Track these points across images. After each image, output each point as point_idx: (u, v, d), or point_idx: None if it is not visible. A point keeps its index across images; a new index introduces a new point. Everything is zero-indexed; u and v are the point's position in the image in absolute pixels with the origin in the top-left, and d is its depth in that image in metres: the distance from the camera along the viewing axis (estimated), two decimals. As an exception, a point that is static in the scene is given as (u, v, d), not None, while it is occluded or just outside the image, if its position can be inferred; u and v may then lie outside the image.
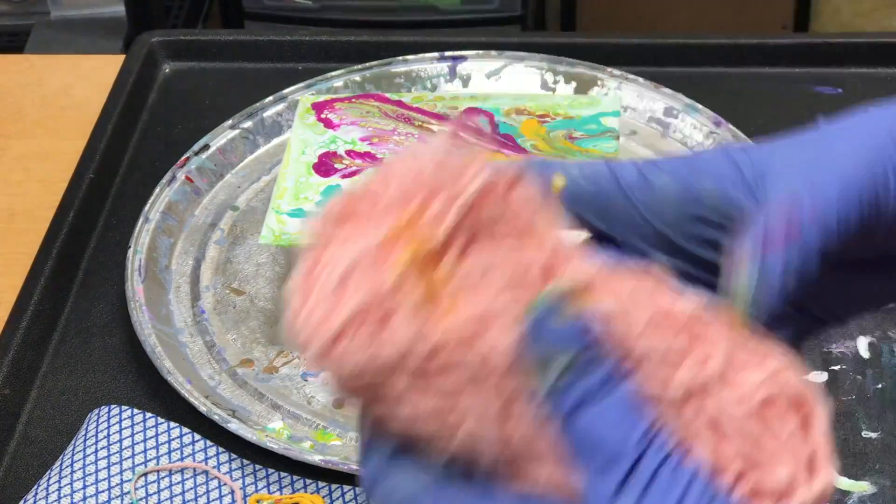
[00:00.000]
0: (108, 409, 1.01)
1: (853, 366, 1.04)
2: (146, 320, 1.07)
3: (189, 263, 1.15)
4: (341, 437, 1.00)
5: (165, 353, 1.05)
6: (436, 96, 1.16)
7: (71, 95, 1.39)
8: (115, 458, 0.97)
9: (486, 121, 1.13)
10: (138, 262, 1.12)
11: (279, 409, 1.03)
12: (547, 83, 1.29)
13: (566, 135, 1.12)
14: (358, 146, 1.11)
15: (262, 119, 1.26)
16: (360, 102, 1.16)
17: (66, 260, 1.15)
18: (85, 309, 1.12)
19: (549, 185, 0.59)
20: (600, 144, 1.10)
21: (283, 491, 0.96)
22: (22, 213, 1.25)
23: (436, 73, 1.31)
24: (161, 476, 0.97)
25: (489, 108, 1.14)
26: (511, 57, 1.31)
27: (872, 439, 0.99)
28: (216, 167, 1.23)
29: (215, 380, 1.05)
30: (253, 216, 1.19)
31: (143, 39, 1.38)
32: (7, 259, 1.19)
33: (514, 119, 1.13)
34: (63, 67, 1.43)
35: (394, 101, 1.16)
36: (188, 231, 1.18)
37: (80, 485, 0.96)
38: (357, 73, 1.29)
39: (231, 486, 0.97)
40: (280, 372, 1.06)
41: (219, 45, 1.38)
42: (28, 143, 1.33)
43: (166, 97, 1.35)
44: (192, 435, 0.99)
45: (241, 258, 1.16)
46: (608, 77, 1.28)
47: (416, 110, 1.15)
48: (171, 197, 1.18)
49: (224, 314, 1.11)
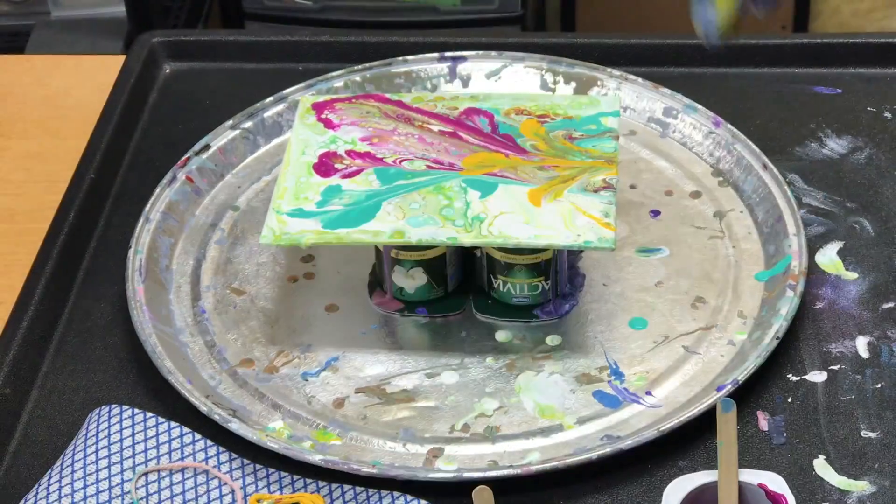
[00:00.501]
0: (109, 408, 1.01)
1: (852, 365, 1.04)
2: (147, 320, 1.08)
3: (189, 263, 1.15)
4: (341, 437, 1.01)
5: (166, 353, 1.05)
6: (436, 96, 1.17)
7: (71, 96, 1.39)
8: (116, 458, 0.98)
9: (485, 121, 1.13)
10: (139, 262, 1.12)
11: (279, 409, 1.03)
12: (547, 83, 1.30)
13: (566, 135, 1.12)
14: (358, 146, 1.12)
15: (263, 119, 1.26)
16: (360, 103, 1.16)
17: (66, 260, 1.15)
18: (85, 309, 1.13)
19: None
20: (600, 144, 1.10)
21: (284, 490, 0.96)
22: (23, 213, 1.25)
23: (436, 73, 1.31)
24: (161, 476, 0.97)
25: (489, 108, 1.15)
26: (511, 57, 1.31)
27: (872, 439, 0.99)
28: (217, 167, 1.23)
29: (216, 379, 1.06)
30: (253, 216, 1.20)
31: (144, 40, 1.38)
32: (7, 259, 1.19)
33: (514, 119, 1.13)
34: (64, 68, 1.44)
35: (394, 102, 1.16)
36: (189, 231, 1.18)
37: (80, 484, 0.96)
38: (357, 73, 1.30)
39: (231, 486, 0.97)
40: (280, 372, 1.06)
41: (219, 46, 1.39)
42: (29, 144, 1.33)
43: (167, 97, 1.35)
44: (192, 435, 0.99)
45: (242, 258, 1.16)
46: (608, 77, 1.28)
47: (416, 110, 1.15)
48: (172, 197, 1.19)
49: (224, 314, 1.11)
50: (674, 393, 1.03)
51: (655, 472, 0.98)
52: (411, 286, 1.09)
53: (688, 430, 0.99)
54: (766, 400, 1.02)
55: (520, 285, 1.08)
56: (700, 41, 1.04)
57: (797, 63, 1.33)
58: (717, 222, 1.16)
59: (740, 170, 1.19)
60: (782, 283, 1.08)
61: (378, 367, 1.06)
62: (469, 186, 1.07)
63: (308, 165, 1.10)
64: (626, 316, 1.09)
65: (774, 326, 1.04)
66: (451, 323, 1.09)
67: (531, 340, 1.07)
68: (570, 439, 1.00)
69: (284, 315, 1.11)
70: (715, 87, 1.31)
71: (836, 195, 1.19)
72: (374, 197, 1.07)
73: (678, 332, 1.07)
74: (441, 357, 1.07)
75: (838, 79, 1.31)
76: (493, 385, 1.04)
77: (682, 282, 1.11)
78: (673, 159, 1.23)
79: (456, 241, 1.03)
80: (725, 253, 1.14)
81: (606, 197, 1.06)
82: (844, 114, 1.27)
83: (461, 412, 1.02)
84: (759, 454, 0.98)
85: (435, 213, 1.05)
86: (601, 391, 1.03)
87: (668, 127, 1.25)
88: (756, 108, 1.29)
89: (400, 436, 1.01)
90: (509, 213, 1.04)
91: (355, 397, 1.04)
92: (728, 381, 1.00)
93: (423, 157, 1.11)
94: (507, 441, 1.00)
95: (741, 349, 1.05)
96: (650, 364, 1.05)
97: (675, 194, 1.19)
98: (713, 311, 1.09)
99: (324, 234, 1.04)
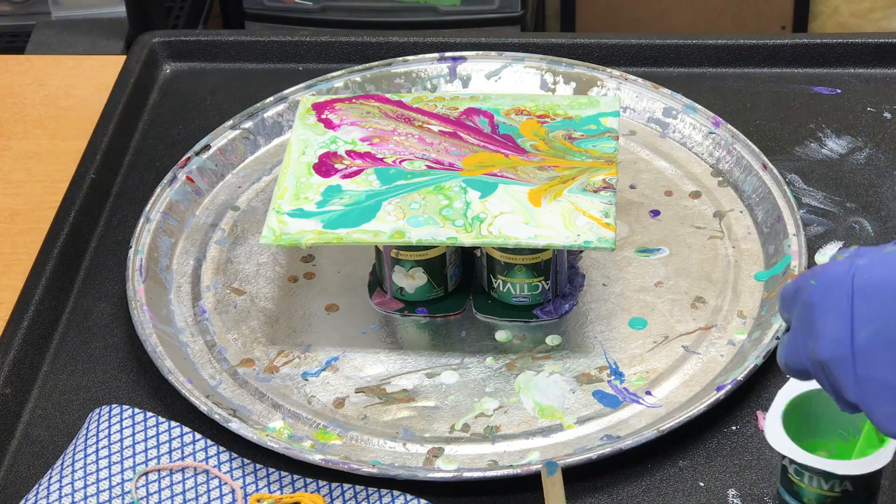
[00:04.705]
0: (109, 408, 1.01)
1: (852, 365, 1.04)
2: (147, 320, 1.08)
3: (190, 263, 1.16)
4: (341, 437, 1.01)
5: (166, 353, 1.05)
6: (436, 96, 1.17)
7: (72, 96, 1.39)
8: (116, 458, 0.98)
9: (485, 121, 1.13)
10: (139, 262, 1.12)
11: (279, 409, 1.03)
12: (547, 83, 1.30)
13: (566, 135, 1.12)
14: (358, 146, 1.12)
15: (263, 119, 1.26)
16: (360, 103, 1.16)
17: (67, 260, 1.15)
18: (86, 309, 1.13)
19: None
20: (600, 144, 1.10)
21: (284, 490, 0.97)
22: (23, 213, 1.25)
23: (436, 73, 1.31)
24: (162, 475, 0.97)
25: (489, 109, 1.15)
26: (511, 57, 1.31)
27: (871, 438, 0.99)
28: (217, 167, 1.23)
29: (216, 379, 1.06)
30: (253, 216, 1.20)
31: (144, 40, 1.39)
32: (8, 259, 1.19)
33: (513, 119, 1.13)
34: (64, 68, 1.44)
35: (394, 102, 1.16)
36: (189, 231, 1.18)
37: (80, 484, 0.96)
38: (357, 73, 1.30)
39: (232, 486, 0.97)
40: (280, 371, 1.06)
41: (219, 46, 1.39)
42: (29, 144, 1.33)
43: (167, 97, 1.35)
44: (192, 434, 0.99)
45: (242, 258, 1.16)
46: (607, 77, 1.28)
47: (416, 110, 1.15)
48: (172, 197, 1.19)
49: (225, 314, 1.11)
50: (674, 393, 1.03)
51: (655, 472, 0.98)
52: (411, 286, 1.10)
53: (688, 430, 0.99)
54: (766, 400, 1.02)
55: (520, 285, 1.08)
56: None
57: (797, 63, 1.33)
58: (716, 222, 1.16)
59: (740, 170, 1.19)
60: (782, 283, 1.08)
61: (378, 366, 1.06)
62: (469, 186, 1.07)
63: (308, 165, 1.10)
64: (626, 316, 1.09)
65: (774, 326, 1.04)
66: (451, 323, 1.10)
67: (531, 340, 1.08)
68: (570, 439, 1.00)
69: (284, 315, 1.11)
70: (715, 87, 1.31)
71: (835, 195, 1.19)
72: (374, 197, 1.07)
73: (678, 332, 1.07)
74: (441, 357, 1.07)
75: (838, 79, 1.31)
76: (493, 385, 1.04)
77: (681, 282, 1.11)
78: (673, 159, 1.23)
79: (456, 241, 1.03)
80: (725, 253, 1.14)
81: (606, 197, 1.06)
82: (844, 114, 1.27)
83: (461, 412, 1.02)
84: (758, 454, 0.98)
85: (435, 213, 1.05)
86: (601, 391, 1.03)
87: (667, 127, 1.25)
88: (756, 108, 1.29)
89: (400, 435, 1.01)
90: (509, 213, 1.05)
91: (355, 397, 1.04)
92: (728, 381, 1.00)
93: (423, 158, 1.11)
94: (507, 441, 1.00)
95: (741, 349, 1.05)
96: (650, 364, 1.05)
97: (675, 194, 1.19)
98: (713, 311, 1.09)
99: (324, 234, 1.04)
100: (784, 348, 0.81)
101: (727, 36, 1.34)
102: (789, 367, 0.80)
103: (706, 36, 1.34)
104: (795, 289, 0.79)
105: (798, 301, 0.79)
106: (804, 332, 0.78)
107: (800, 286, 0.79)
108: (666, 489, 0.96)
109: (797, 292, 0.79)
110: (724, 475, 0.97)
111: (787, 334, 0.81)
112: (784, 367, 0.81)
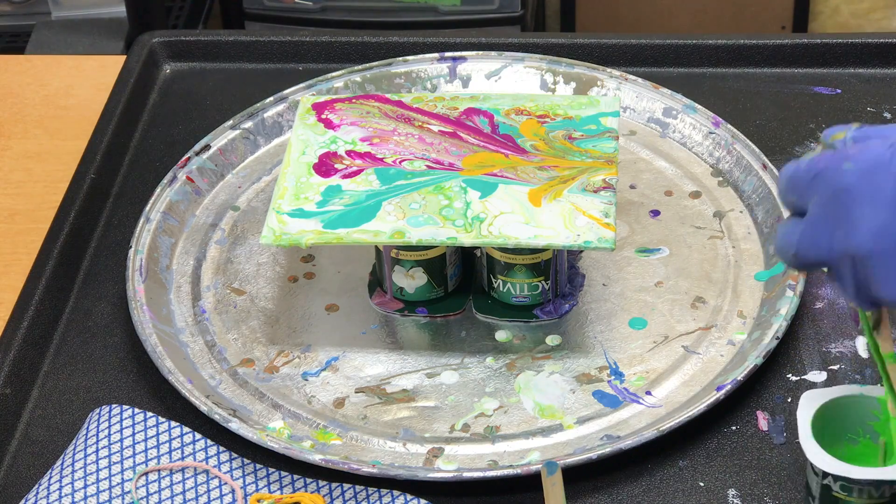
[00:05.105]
0: (109, 408, 1.01)
1: (852, 365, 1.04)
2: (147, 320, 1.08)
3: (190, 263, 1.16)
4: (341, 437, 1.01)
5: (166, 353, 1.05)
6: (436, 96, 1.17)
7: (72, 96, 1.39)
8: (116, 458, 0.98)
9: (485, 121, 1.13)
10: (139, 262, 1.12)
11: (279, 409, 1.03)
12: (547, 83, 1.30)
13: (566, 135, 1.12)
14: (358, 146, 1.12)
15: (263, 119, 1.26)
16: (360, 103, 1.16)
17: (67, 260, 1.15)
18: (86, 309, 1.13)
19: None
20: (600, 144, 1.10)
21: (284, 490, 0.97)
22: (23, 213, 1.25)
23: (436, 73, 1.31)
24: (162, 475, 0.97)
25: (489, 109, 1.15)
26: (511, 57, 1.31)
27: (871, 438, 0.99)
28: (217, 167, 1.23)
29: (216, 379, 1.06)
30: (253, 216, 1.20)
31: (144, 40, 1.39)
32: (8, 259, 1.19)
33: (513, 119, 1.13)
34: (64, 68, 1.44)
35: (394, 102, 1.16)
36: (189, 231, 1.18)
37: (80, 484, 0.96)
38: (357, 73, 1.30)
39: (232, 486, 0.97)
40: (280, 371, 1.06)
41: (219, 46, 1.39)
42: (29, 144, 1.33)
43: (167, 97, 1.35)
44: (192, 434, 0.99)
45: (242, 258, 1.16)
46: (607, 77, 1.28)
47: (416, 110, 1.15)
48: (172, 197, 1.19)
49: (225, 314, 1.11)
50: (673, 393, 1.03)
51: (655, 472, 0.98)
52: (411, 286, 1.10)
53: (688, 430, 0.99)
54: (766, 400, 1.02)
55: (520, 285, 1.08)
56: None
57: (797, 63, 1.33)
58: (716, 222, 1.16)
59: (740, 170, 1.19)
60: (782, 283, 1.08)
61: (378, 366, 1.06)
62: (469, 186, 1.07)
63: (308, 165, 1.10)
64: (626, 316, 1.09)
65: (774, 326, 1.04)
66: (451, 323, 1.10)
67: (531, 340, 1.08)
68: (569, 439, 1.00)
69: (284, 315, 1.11)
70: (715, 87, 1.31)
71: (835, 195, 1.19)
72: (374, 197, 1.07)
73: (678, 332, 1.07)
74: (441, 357, 1.07)
75: (838, 79, 1.31)
76: (493, 385, 1.04)
77: (681, 282, 1.11)
78: (673, 159, 1.23)
79: (456, 241, 1.03)
80: (725, 253, 1.14)
81: (606, 197, 1.06)
82: (844, 114, 1.27)
83: (461, 412, 1.02)
84: (758, 454, 0.98)
85: (435, 213, 1.05)
86: (601, 391, 1.03)
87: (667, 127, 1.25)
88: (756, 108, 1.29)
89: (400, 435, 1.01)
90: (509, 213, 1.05)
91: (355, 397, 1.04)
92: (728, 381, 1.00)
93: (423, 158, 1.11)
94: (507, 441, 1.00)
95: (741, 349, 1.05)
96: (650, 364, 1.05)
97: (675, 194, 1.19)
98: (713, 310, 1.09)
99: (324, 234, 1.04)
100: (795, 236, 0.71)
101: (727, 36, 1.34)
102: (801, 257, 0.71)
103: (706, 36, 1.34)
104: (817, 171, 0.70)
105: (823, 185, 0.70)
106: (831, 219, 0.69)
107: (825, 168, 0.69)
108: (666, 489, 0.96)
109: (821, 175, 0.70)
110: (724, 475, 0.97)
111: (790, 221, 0.72)
112: (790, 258, 0.72)
